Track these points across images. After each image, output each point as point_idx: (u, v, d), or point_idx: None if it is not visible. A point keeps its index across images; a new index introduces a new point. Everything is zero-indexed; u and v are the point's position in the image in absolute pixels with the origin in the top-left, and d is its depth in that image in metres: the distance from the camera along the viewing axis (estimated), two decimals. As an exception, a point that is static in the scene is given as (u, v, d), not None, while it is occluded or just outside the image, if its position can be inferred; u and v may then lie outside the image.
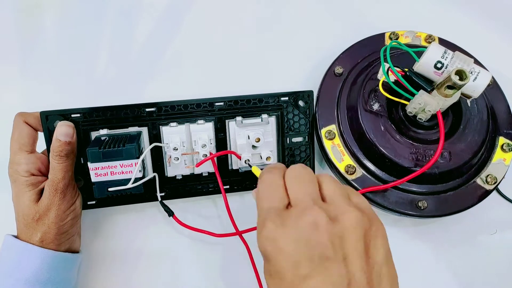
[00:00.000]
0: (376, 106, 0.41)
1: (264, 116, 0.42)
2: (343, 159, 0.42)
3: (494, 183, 0.41)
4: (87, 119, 0.39)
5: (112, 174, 0.36)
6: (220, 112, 0.41)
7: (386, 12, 0.52)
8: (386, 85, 0.39)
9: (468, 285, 0.43)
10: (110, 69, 0.48)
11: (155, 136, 0.40)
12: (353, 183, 0.41)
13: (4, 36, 0.49)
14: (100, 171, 0.36)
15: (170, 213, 0.40)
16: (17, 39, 0.49)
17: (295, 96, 0.42)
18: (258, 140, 0.40)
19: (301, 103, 0.43)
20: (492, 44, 0.51)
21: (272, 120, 0.42)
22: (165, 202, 0.41)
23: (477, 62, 0.45)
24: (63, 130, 0.37)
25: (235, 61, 0.49)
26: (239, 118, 0.41)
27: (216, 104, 0.41)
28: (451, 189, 0.41)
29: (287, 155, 0.43)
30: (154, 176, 0.40)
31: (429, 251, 0.44)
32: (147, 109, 0.40)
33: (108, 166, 0.36)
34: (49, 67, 0.48)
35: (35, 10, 0.50)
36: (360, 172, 0.41)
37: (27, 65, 0.48)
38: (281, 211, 0.26)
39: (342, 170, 0.41)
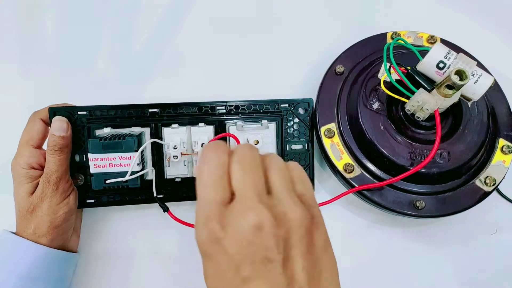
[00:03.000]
0: (376, 105, 0.41)
1: (264, 121, 0.42)
2: (341, 158, 0.42)
3: (493, 185, 0.41)
4: (92, 117, 0.40)
5: (111, 166, 0.36)
6: (221, 116, 0.41)
7: (389, 13, 0.52)
8: (387, 83, 0.39)
9: (468, 285, 0.43)
10: (111, 68, 0.48)
11: (156, 137, 0.41)
12: (352, 181, 0.41)
13: (4, 36, 0.49)
14: (99, 162, 0.36)
15: (165, 208, 0.41)
16: (17, 39, 0.49)
17: (295, 103, 0.43)
18: (257, 142, 0.40)
19: (300, 110, 0.43)
20: (497, 47, 0.51)
21: (272, 126, 0.42)
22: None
23: (480, 65, 0.45)
24: (58, 125, 0.38)
25: (237, 63, 0.49)
26: (239, 123, 0.41)
27: (218, 108, 0.41)
28: (450, 189, 0.41)
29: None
30: (153, 172, 0.40)
31: (429, 251, 0.44)
32: (150, 110, 0.41)
33: (108, 158, 0.36)
34: (49, 67, 0.48)
35: (35, 10, 0.50)
36: (358, 170, 0.42)
37: (27, 65, 0.48)
38: (224, 206, 0.24)
39: (340, 168, 0.41)
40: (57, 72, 0.48)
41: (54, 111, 0.40)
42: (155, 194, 0.40)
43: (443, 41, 0.46)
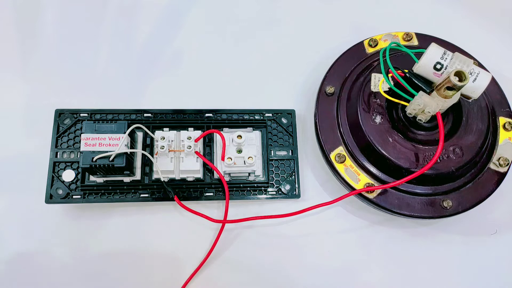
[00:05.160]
0: (378, 119, 0.41)
1: (249, 128, 0.44)
2: (359, 179, 0.41)
3: (507, 165, 0.42)
4: (92, 118, 0.43)
5: (100, 145, 0.38)
6: (209, 122, 0.44)
7: (382, 14, 0.53)
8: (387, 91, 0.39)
9: (468, 285, 0.43)
10: (111, 68, 0.49)
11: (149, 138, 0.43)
12: (376, 201, 0.40)
13: (3, 36, 0.49)
14: (90, 141, 0.38)
15: (172, 194, 0.41)
16: (17, 39, 0.49)
17: (278, 113, 0.45)
18: (240, 137, 0.41)
19: (284, 120, 0.45)
20: (491, 44, 0.52)
21: (258, 133, 0.44)
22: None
23: (477, 62, 0.45)
24: None
25: (231, 74, 0.49)
26: (226, 129, 0.44)
27: (206, 115, 0.45)
28: (469, 181, 0.41)
29: (273, 167, 0.44)
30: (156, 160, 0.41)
31: (428, 252, 0.43)
32: (145, 114, 0.44)
33: (98, 137, 0.38)
34: (49, 67, 0.48)
35: (35, 10, 0.51)
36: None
37: (27, 65, 0.48)
38: None
39: (361, 188, 0.40)
40: (56, 72, 0.48)
41: (60, 112, 0.43)
42: (162, 179, 0.41)
43: (440, 40, 0.45)
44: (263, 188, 0.43)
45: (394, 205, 0.40)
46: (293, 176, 0.44)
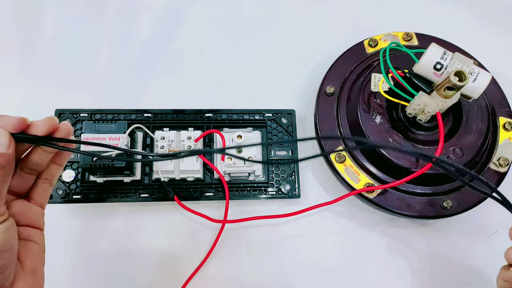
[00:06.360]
0: (378, 119, 0.41)
1: (249, 128, 0.44)
2: (359, 179, 0.41)
3: (507, 165, 0.42)
4: (92, 118, 0.43)
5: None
6: (209, 122, 0.44)
7: (382, 14, 0.53)
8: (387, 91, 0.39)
9: (468, 285, 0.43)
10: (109, 70, 0.49)
11: (149, 139, 0.44)
12: (376, 201, 0.40)
13: (4, 36, 0.49)
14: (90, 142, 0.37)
15: (172, 194, 0.41)
16: (17, 39, 0.49)
17: (278, 113, 0.45)
18: (240, 137, 0.41)
19: (284, 120, 0.45)
20: (491, 44, 0.52)
21: (258, 133, 0.44)
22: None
23: (477, 62, 0.45)
24: None
25: (231, 74, 0.50)
26: (226, 129, 0.44)
27: (206, 115, 0.44)
28: (469, 181, 0.41)
29: (273, 167, 0.44)
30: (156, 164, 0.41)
31: (429, 251, 0.43)
32: (145, 114, 0.44)
33: (98, 138, 0.38)
34: (49, 67, 0.48)
35: (35, 10, 0.51)
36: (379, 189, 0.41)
37: (27, 65, 0.48)
38: None
39: (361, 187, 0.40)
40: (56, 72, 0.48)
41: (60, 112, 0.43)
42: (162, 179, 0.41)
43: (440, 40, 0.45)
44: (263, 188, 0.43)
45: (394, 205, 0.40)
46: (293, 176, 0.44)
